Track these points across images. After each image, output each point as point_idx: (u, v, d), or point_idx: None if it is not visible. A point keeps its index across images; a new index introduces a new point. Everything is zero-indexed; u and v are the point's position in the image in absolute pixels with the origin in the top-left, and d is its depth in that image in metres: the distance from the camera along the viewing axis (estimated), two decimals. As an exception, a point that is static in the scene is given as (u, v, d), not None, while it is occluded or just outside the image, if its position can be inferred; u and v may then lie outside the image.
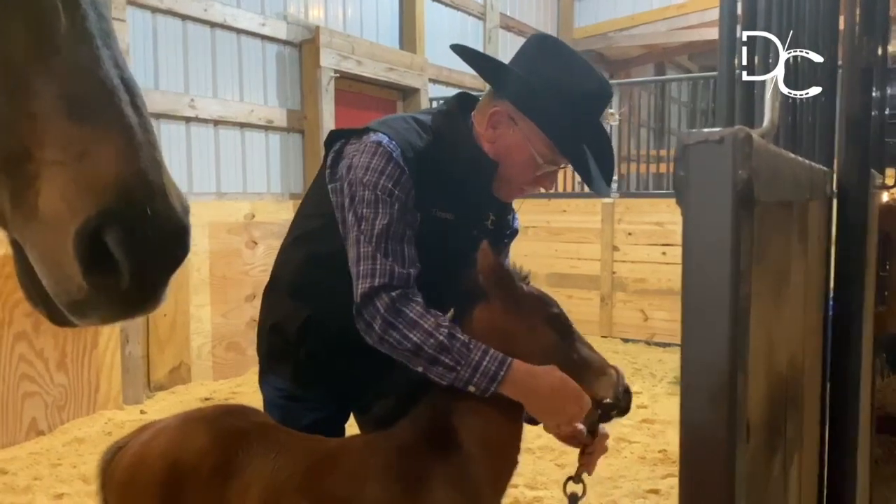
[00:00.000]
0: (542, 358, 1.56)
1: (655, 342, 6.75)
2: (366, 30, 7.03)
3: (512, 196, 1.80)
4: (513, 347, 1.56)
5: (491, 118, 1.69)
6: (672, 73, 12.21)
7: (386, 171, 1.62)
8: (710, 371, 0.55)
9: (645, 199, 7.01)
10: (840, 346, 1.62)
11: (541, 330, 1.59)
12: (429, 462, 1.53)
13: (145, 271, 0.70)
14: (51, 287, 0.73)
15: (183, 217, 0.73)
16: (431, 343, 1.52)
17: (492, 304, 1.60)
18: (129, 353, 4.76)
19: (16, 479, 3.61)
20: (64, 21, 0.71)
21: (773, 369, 0.82)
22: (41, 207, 0.69)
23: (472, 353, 1.51)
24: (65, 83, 0.69)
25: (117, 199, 0.68)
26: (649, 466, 3.89)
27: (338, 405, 1.87)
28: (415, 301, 1.57)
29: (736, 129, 0.56)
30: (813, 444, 1.46)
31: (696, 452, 0.58)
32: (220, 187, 5.61)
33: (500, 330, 1.58)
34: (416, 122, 1.74)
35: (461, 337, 1.54)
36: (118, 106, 0.70)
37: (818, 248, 1.48)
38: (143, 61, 5.00)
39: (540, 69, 1.67)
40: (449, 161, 1.69)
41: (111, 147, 0.69)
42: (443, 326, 1.54)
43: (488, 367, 1.51)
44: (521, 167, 1.70)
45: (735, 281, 0.54)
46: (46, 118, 0.69)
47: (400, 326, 1.54)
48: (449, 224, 1.72)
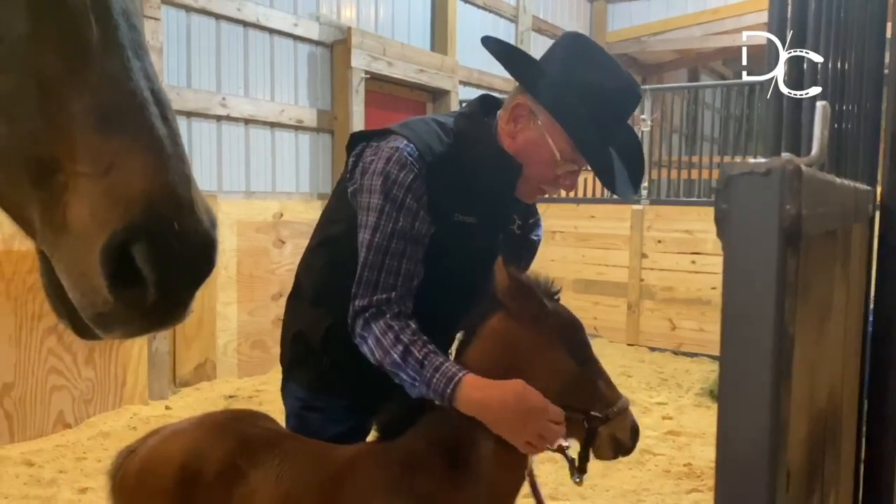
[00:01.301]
0: (549, 380, 1.52)
1: (683, 352, 6.64)
2: (397, 31, 7.03)
3: (532, 196, 1.76)
4: (521, 363, 1.53)
5: (513, 112, 1.67)
6: (706, 78, 12.04)
7: (398, 178, 1.61)
8: (749, 424, 0.51)
9: (675, 207, 6.91)
10: (879, 371, 1.56)
11: (555, 352, 1.55)
12: (436, 474, 1.51)
13: (171, 285, 0.70)
14: (77, 300, 0.73)
15: (210, 231, 0.72)
16: (388, 360, 1.56)
17: (508, 316, 1.56)
18: (155, 348, 4.80)
19: (42, 471, 3.65)
20: (96, 33, 0.70)
21: (813, 407, 0.78)
22: (69, 220, 0.69)
23: (424, 370, 1.52)
24: (95, 95, 0.69)
25: (144, 213, 0.67)
26: (674, 480, 3.82)
27: (359, 418, 1.84)
28: (384, 318, 1.59)
29: (784, 161, 0.52)
30: (849, 475, 1.40)
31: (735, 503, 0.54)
32: (250, 186, 5.64)
33: (511, 343, 1.55)
34: (438, 125, 1.72)
35: (417, 354, 1.54)
36: (148, 119, 0.70)
37: (859, 270, 1.43)
38: (176, 60, 5.04)
39: (565, 65, 1.65)
40: (470, 164, 1.67)
41: (139, 160, 0.68)
42: (399, 344, 1.56)
43: (437, 384, 1.51)
44: (540, 164, 1.66)
45: (779, 328, 0.50)
46: (76, 130, 0.68)
47: (369, 343, 1.59)
48: (471, 228, 1.70)
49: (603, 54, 1.69)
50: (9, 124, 0.70)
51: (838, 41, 1.35)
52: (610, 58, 1.69)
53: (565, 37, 1.73)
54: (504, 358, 1.54)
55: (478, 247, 1.70)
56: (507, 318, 1.56)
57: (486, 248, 1.70)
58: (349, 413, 1.81)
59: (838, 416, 1.12)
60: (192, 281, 0.72)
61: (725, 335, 0.55)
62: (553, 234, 7.23)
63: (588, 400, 1.54)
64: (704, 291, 6.51)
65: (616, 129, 1.71)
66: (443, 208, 1.66)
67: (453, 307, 1.66)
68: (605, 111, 1.63)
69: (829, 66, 1.31)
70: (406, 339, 1.56)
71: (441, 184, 1.64)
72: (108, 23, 0.71)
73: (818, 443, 0.83)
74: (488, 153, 1.68)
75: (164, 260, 0.68)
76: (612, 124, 1.67)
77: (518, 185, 1.70)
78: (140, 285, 0.69)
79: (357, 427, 1.83)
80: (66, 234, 0.70)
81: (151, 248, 0.68)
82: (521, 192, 1.73)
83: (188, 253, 0.70)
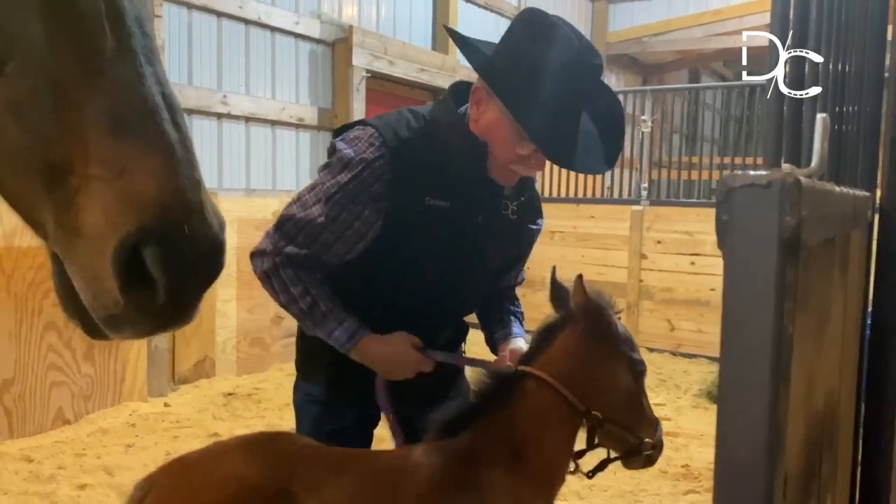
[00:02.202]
0: (612, 393, 1.66)
1: (681, 353, 6.66)
2: (398, 30, 7.03)
3: (507, 179, 1.76)
4: (590, 375, 1.65)
5: (473, 96, 1.70)
6: (707, 79, 12.04)
7: (352, 161, 1.67)
8: (748, 429, 0.52)
9: (675, 208, 6.91)
10: (876, 375, 1.57)
11: (620, 370, 1.68)
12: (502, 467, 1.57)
13: (181, 287, 0.71)
14: (88, 301, 0.74)
15: (219, 234, 0.74)
16: (294, 309, 1.71)
17: (581, 332, 1.66)
18: (154, 346, 4.81)
19: (41, 467, 3.66)
20: (110, 39, 0.72)
21: (811, 411, 0.79)
22: (82, 222, 0.70)
23: (327, 323, 1.70)
24: (108, 100, 0.70)
25: (156, 216, 0.69)
26: (671, 481, 3.83)
27: (366, 411, 1.87)
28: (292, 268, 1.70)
29: (784, 173, 0.53)
30: (846, 478, 1.42)
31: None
32: (250, 184, 5.64)
33: (583, 357, 1.65)
34: (411, 113, 1.77)
35: (323, 308, 1.69)
36: (159, 123, 0.71)
37: (857, 275, 1.44)
38: (177, 57, 5.04)
39: (516, 43, 1.65)
40: (439, 147, 1.70)
41: (151, 164, 0.70)
42: (308, 296, 1.69)
43: (338, 338, 1.70)
44: (502, 145, 1.67)
45: (778, 334, 0.51)
46: (89, 134, 0.70)
47: (274, 284, 1.71)
48: (444, 211, 1.71)
49: (556, 28, 1.63)
50: (23, 127, 0.71)
51: (839, 43, 1.36)
52: (565, 31, 1.62)
53: (519, 15, 1.71)
54: (575, 369, 1.64)
55: (454, 231, 1.73)
56: (579, 333, 1.66)
57: (463, 232, 1.73)
58: (355, 406, 1.85)
59: (835, 420, 1.13)
60: (201, 283, 0.74)
61: (725, 341, 0.56)
62: (552, 234, 7.24)
63: (638, 415, 1.69)
64: (703, 293, 6.52)
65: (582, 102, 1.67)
66: (412, 192, 1.68)
67: (431, 289, 1.74)
68: (554, 85, 1.59)
69: (830, 68, 1.32)
70: (314, 292, 1.69)
71: (409, 167, 1.67)
72: (121, 29, 0.72)
73: (815, 446, 0.84)
74: (454, 136, 1.70)
75: (174, 263, 0.70)
76: (570, 99, 1.63)
77: (490, 168, 1.72)
78: (150, 287, 0.70)
79: (359, 419, 1.87)
80: (79, 237, 0.71)
81: (162, 251, 0.69)
82: (496, 175, 1.74)
83: (198, 256, 0.71)
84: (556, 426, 1.64)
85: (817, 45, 1.27)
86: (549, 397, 1.62)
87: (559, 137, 1.63)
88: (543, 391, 1.63)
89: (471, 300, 1.96)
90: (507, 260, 1.95)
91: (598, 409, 1.63)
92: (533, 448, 1.61)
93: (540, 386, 1.63)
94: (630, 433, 1.67)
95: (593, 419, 1.63)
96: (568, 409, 1.62)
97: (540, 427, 1.62)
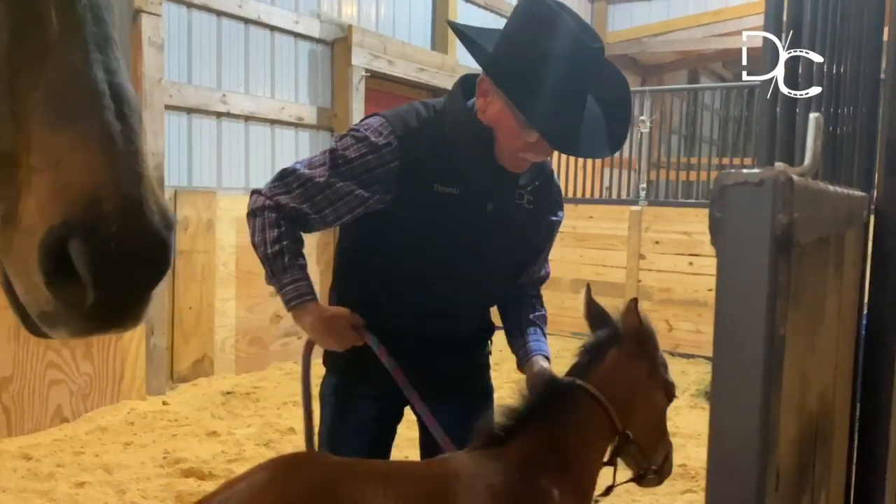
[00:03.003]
0: (648, 412, 1.74)
1: (679, 353, 6.66)
2: (398, 29, 7.03)
3: (517, 166, 1.78)
4: (633, 395, 1.71)
5: (479, 87, 1.73)
6: (706, 79, 12.05)
7: (358, 144, 1.73)
8: (740, 425, 0.53)
9: (673, 208, 6.93)
10: (871, 373, 1.58)
11: (657, 391, 1.77)
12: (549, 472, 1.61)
13: (112, 287, 0.66)
14: (21, 296, 0.71)
15: (162, 231, 0.68)
16: (260, 251, 1.75)
17: (629, 352, 1.73)
18: (153, 344, 4.82)
19: (39, 465, 3.66)
20: (56, 26, 0.69)
21: (804, 409, 0.79)
22: (20, 214, 0.67)
23: (284, 275, 1.72)
24: (51, 88, 0.67)
25: (84, 209, 0.64)
26: (669, 480, 3.82)
27: (383, 405, 1.89)
28: (279, 215, 1.74)
29: (776, 171, 0.54)
30: (840, 476, 1.42)
31: (725, 502, 0.56)
32: (249, 183, 5.65)
33: (628, 378, 1.72)
34: (422, 104, 1.81)
35: (285, 260, 1.71)
36: (100, 113, 0.67)
37: (852, 274, 1.45)
38: (177, 56, 5.05)
39: (515, 32, 1.67)
40: (447, 136, 1.73)
41: (85, 155, 0.66)
42: (277, 244, 1.71)
43: (287, 293, 1.72)
44: (508, 134, 1.69)
45: (770, 331, 0.52)
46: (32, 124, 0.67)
47: (256, 223, 1.75)
48: (454, 198, 1.75)
49: (558, 16, 1.62)
50: None
51: (834, 44, 1.37)
52: (562, 17, 1.62)
53: (519, 3, 1.73)
54: (620, 388, 1.71)
55: (465, 218, 1.76)
56: (628, 354, 1.74)
57: (474, 220, 1.76)
58: (374, 400, 1.87)
59: (830, 418, 1.14)
60: (139, 283, 0.68)
61: (718, 338, 0.57)
62: (551, 234, 7.23)
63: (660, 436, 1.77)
64: (701, 293, 6.53)
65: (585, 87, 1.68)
66: (421, 180, 1.72)
67: (441, 272, 1.77)
68: (557, 74, 1.61)
69: (825, 69, 1.32)
70: (285, 242, 1.72)
71: (418, 156, 1.71)
72: (70, 15, 0.69)
73: (809, 443, 0.84)
74: (461, 125, 1.74)
75: (100, 259, 0.65)
76: (571, 86, 1.64)
77: (500, 157, 1.74)
78: (78, 285, 0.66)
79: (382, 415, 1.89)
80: (16, 230, 0.68)
81: (87, 247, 0.64)
82: (506, 163, 1.76)
83: (132, 254, 0.66)
84: (597, 441, 1.71)
85: (811, 45, 1.28)
86: (596, 412, 1.69)
87: (561, 125, 1.65)
88: (592, 406, 1.69)
89: (489, 292, 1.96)
90: (526, 252, 1.95)
91: (631, 429, 1.71)
92: (576, 460, 1.67)
93: (590, 401, 1.69)
94: (646, 457, 1.75)
95: (623, 437, 1.70)
96: (608, 425, 1.69)
97: (584, 440, 1.69)
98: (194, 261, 5.10)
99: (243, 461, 3.83)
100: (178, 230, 5.05)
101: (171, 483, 3.52)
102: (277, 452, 3.85)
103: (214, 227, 5.22)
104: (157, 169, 4.82)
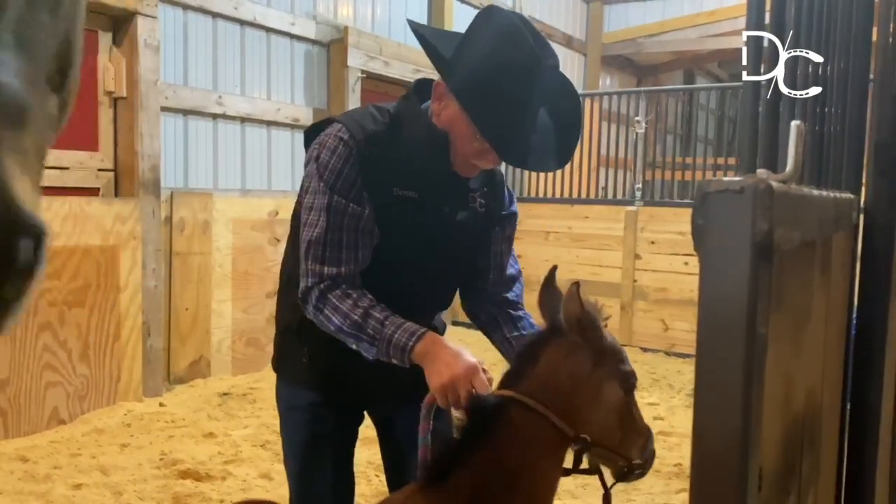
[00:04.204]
0: (603, 408, 1.56)
1: (675, 352, 6.69)
2: (394, 30, 7.05)
3: (469, 171, 1.78)
4: (580, 391, 1.55)
5: (435, 91, 1.73)
6: (701, 80, 12.08)
7: (329, 162, 1.70)
8: (722, 426, 0.54)
9: (669, 208, 6.95)
10: (861, 377, 1.60)
11: (609, 384, 1.58)
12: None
13: None
14: None
15: None
16: (348, 323, 1.65)
17: (569, 346, 1.56)
18: (150, 345, 4.82)
19: (36, 467, 3.67)
20: None
21: (789, 410, 0.81)
22: None
23: (385, 328, 1.63)
24: None
25: None
26: (664, 480, 3.86)
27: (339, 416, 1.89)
28: (340, 289, 1.68)
29: (757, 179, 0.55)
30: (830, 477, 1.44)
31: (709, 502, 0.57)
32: (245, 184, 5.66)
33: (570, 376, 1.55)
34: (376, 108, 1.80)
35: (377, 315, 1.64)
36: None
37: (841, 277, 1.46)
38: (172, 58, 5.05)
39: (474, 41, 1.67)
40: (404, 140, 1.73)
41: None
42: (359, 307, 1.65)
43: (399, 338, 1.62)
44: (461, 139, 1.70)
45: (751, 334, 0.53)
46: None
47: (326, 311, 1.67)
48: (413, 202, 1.75)
49: (514, 26, 1.64)
50: None
51: (821, 45, 1.37)
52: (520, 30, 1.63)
53: (481, 12, 1.74)
54: (562, 390, 1.54)
55: (424, 221, 1.76)
56: (566, 349, 1.57)
57: (434, 223, 1.76)
58: (329, 411, 1.86)
59: (818, 418, 1.15)
60: None
61: (701, 340, 0.58)
62: (547, 235, 7.27)
63: (629, 429, 1.61)
64: (697, 293, 6.55)
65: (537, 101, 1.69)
66: (381, 183, 1.72)
67: (401, 279, 1.75)
68: (511, 86, 1.61)
69: (809, 70, 1.33)
70: (365, 304, 1.66)
71: (376, 159, 1.71)
72: None
73: (794, 443, 0.86)
74: (417, 130, 1.74)
75: None
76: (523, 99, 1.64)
77: (454, 162, 1.75)
78: None
79: (339, 427, 1.88)
80: None
81: None
82: (459, 168, 1.77)
83: None
84: (548, 452, 1.55)
85: (796, 45, 1.29)
86: (537, 423, 1.52)
87: (511, 137, 1.66)
88: (530, 417, 1.52)
89: (450, 295, 1.97)
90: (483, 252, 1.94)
91: (588, 431, 1.54)
92: (528, 477, 1.52)
93: (524, 412, 1.52)
94: (619, 455, 1.60)
95: (581, 443, 1.54)
96: (555, 432, 1.53)
97: (532, 456, 1.53)
98: (190, 262, 5.11)
99: (240, 462, 3.84)
100: (175, 231, 5.07)
101: (167, 484, 3.53)
102: (274, 453, 3.86)
103: (211, 229, 5.23)
104: (153, 171, 4.83)
